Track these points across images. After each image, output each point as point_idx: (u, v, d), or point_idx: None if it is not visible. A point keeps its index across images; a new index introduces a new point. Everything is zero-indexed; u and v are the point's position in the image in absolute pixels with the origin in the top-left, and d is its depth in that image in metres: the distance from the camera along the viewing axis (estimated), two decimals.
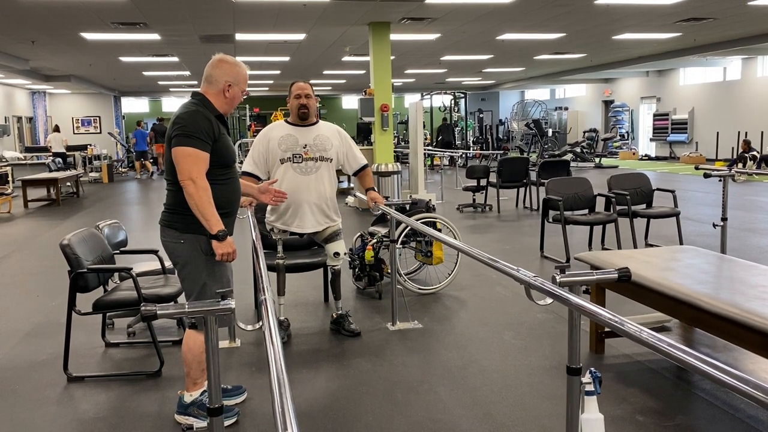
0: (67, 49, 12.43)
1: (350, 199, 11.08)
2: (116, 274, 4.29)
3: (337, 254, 4.16)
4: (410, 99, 23.42)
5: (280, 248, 4.10)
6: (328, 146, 4.04)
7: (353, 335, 4.22)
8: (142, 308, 1.77)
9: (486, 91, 28.56)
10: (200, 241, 2.84)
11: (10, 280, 6.11)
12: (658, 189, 6.73)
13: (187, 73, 17.27)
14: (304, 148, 3.99)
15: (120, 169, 20.72)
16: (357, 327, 4.28)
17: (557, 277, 2.05)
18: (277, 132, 4.04)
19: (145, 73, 17.33)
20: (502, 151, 18.66)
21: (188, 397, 3.01)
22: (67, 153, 17.92)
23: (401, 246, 5.28)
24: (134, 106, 28.46)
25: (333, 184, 4.11)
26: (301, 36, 11.51)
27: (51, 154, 17.05)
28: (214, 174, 2.85)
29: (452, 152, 16.82)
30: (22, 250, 7.66)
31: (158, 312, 1.79)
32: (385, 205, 4.17)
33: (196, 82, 19.35)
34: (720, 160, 17.56)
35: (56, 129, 18.37)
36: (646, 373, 3.47)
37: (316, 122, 4.11)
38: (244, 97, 3.03)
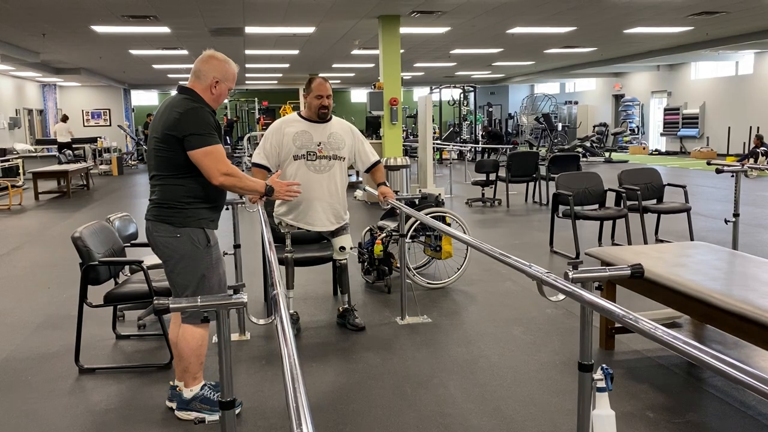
0: (78, 42, 12.46)
1: (359, 193, 11.03)
2: (127, 267, 4.31)
3: (342, 248, 4.17)
4: (419, 92, 23.38)
5: (288, 242, 4.11)
6: (341, 145, 4.03)
7: (358, 330, 4.22)
8: (155, 302, 1.78)
9: (495, 85, 28.45)
10: (197, 234, 2.86)
11: (22, 271, 6.15)
12: (669, 184, 6.68)
13: None
14: (318, 145, 3.97)
15: (130, 161, 20.79)
16: (362, 321, 4.28)
17: (570, 274, 2.04)
18: (292, 127, 4.00)
19: (155, 66, 17.37)
20: (511, 146, 18.60)
21: (189, 393, 2.98)
22: (74, 145, 17.62)
23: (410, 240, 5.27)
24: (144, 98, 28.54)
25: (344, 183, 4.11)
26: (310, 29, 11.49)
27: (56, 145, 16.96)
28: None
29: (461, 146, 16.78)
30: (34, 242, 7.71)
31: (171, 306, 1.79)
32: (395, 199, 4.16)
33: None
34: (732, 155, 17.42)
35: (64, 119, 18.09)
36: (657, 370, 3.46)
37: (330, 119, 4.09)
38: (230, 94, 3.05)
